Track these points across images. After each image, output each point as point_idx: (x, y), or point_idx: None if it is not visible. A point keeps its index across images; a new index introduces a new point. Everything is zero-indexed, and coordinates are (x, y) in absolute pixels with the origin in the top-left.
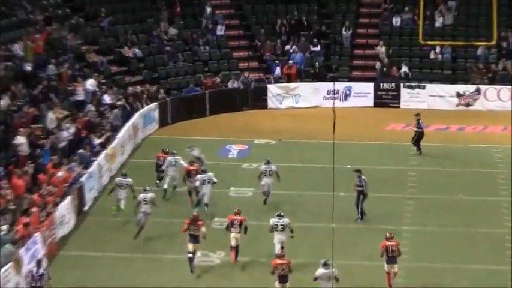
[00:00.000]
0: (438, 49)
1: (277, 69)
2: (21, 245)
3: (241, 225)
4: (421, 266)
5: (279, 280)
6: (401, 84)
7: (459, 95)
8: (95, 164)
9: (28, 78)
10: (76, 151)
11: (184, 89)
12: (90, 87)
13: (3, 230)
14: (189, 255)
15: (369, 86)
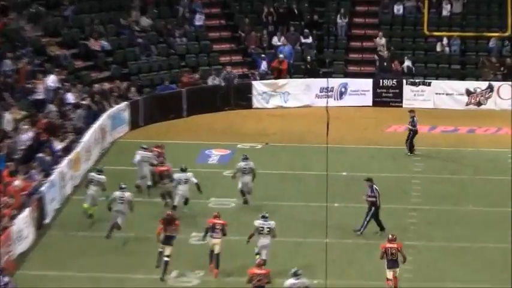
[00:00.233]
0: (445, 41)
1: (264, 64)
2: None
3: (224, 230)
4: (427, 286)
5: None
6: (404, 80)
7: (469, 93)
8: (56, 172)
9: None
10: (35, 157)
11: (158, 86)
12: (52, 85)
13: None
14: (165, 259)
15: (367, 83)
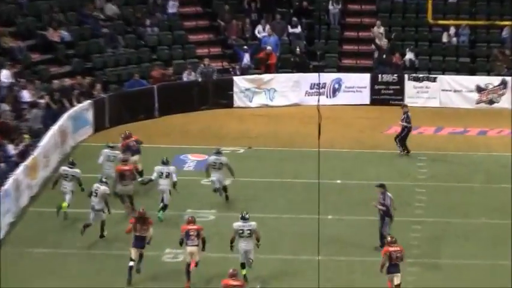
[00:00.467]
0: (452, 30)
1: (246, 57)
2: None
3: (199, 236)
4: None
5: None
6: (406, 75)
7: (480, 90)
8: (11, 180)
9: None
10: None
11: (126, 82)
12: (5, 81)
13: None
14: (130, 263)
15: (363, 78)
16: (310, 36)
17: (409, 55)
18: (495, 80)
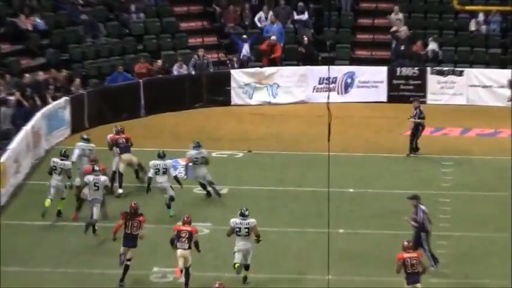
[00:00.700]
0: (481, 17)
1: (246, 48)
2: None
3: (191, 239)
4: None
5: None
6: (428, 68)
7: None
8: None
9: None
10: None
11: (108, 76)
12: None
13: None
14: (126, 263)
15: (380, 72)
16: (319, 23)
17: (432, 45)
18: None
